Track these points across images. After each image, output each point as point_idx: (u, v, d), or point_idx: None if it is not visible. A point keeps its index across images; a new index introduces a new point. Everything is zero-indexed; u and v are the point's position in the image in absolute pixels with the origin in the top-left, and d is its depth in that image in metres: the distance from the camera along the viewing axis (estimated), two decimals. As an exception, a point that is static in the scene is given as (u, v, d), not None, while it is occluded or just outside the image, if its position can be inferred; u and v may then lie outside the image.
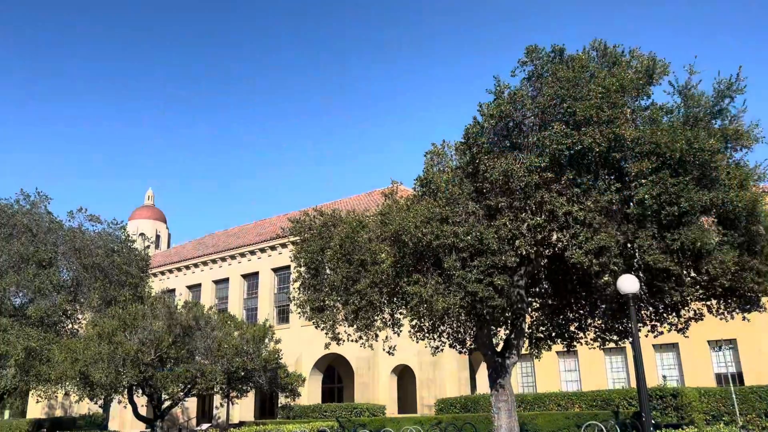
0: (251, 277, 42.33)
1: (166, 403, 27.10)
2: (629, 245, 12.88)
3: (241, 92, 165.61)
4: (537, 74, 13.86)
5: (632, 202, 12.71)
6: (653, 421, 17.01)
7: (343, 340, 16.97)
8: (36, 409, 48.94)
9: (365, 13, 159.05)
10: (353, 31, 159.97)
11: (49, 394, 28.65)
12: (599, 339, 16.86)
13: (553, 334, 17.31)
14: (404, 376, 34.96)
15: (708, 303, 14.62)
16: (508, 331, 16.42)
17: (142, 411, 31.34)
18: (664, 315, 15.29)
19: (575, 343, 17.51)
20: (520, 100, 13.35)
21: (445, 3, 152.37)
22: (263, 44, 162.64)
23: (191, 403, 41.11)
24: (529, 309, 17.08)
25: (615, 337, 16.60)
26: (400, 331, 17.16)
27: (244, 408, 37.86)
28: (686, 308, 14.83)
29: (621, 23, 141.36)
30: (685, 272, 13.22)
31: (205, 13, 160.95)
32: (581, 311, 16.76)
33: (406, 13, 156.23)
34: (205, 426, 36.82)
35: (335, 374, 39.78)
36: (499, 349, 16.51)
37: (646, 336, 16.10)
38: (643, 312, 15.52)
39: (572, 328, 17.22)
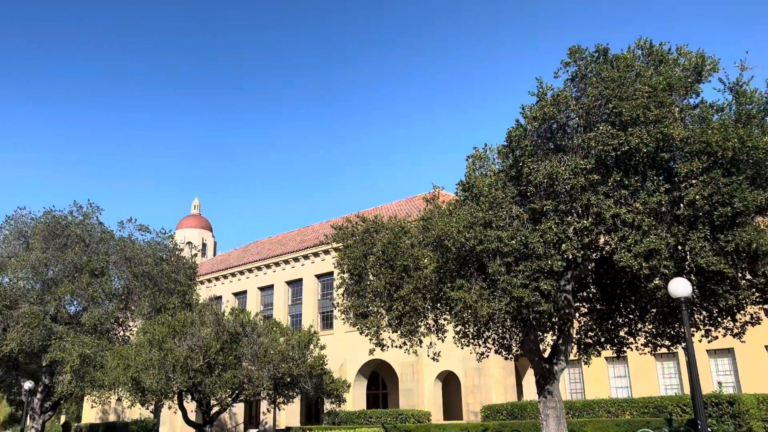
0: (295, 284, 42.76)
1: (215, 409, 27.56)
2: (680, 248, 12.50)
3: (281, 99, 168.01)
4: (581, 75, 13.63)
5: (682, 203, 12.35)
6: (709, 429, 16.43)
7: (388, 346, 16.95)
8: (90, 414, 50.43)
9: (403, 16, 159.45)
10: (393, 35, 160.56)
11: (103, 400, 29.45)
12: (650, 344, 16.42)
13: (602, 340, 16.93)
14: (449, 382, 34.70)
15: (765, 306, 14.06)
16: (555, 337, 16.15)
17: (192, 416, 31.95)
18: (719, 319, 14.77)
19: (625, 349, 17.09)
20: (564, 102, 13.14)
21: (484, 7, 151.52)
22: (303, 49, 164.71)
23: (239, 408, 41.72)
24: (577, 314, 16.78)
25: (667, 342, 16.14)
26: (445, 337, 17.06)
27: (290, 414, 38.19)
28: (742, 312, 14.28)
29: (666, 22, 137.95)
30: (740, 275, 12.76)
31: (249, 19, 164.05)
32: (631, 316, 16.36)
33: (444, 16, 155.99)
34: (252, 431, 37.29)
35: (379, 380, 39.78)
36: (546, 354, 16.24)
37: (700, 341, 15.59)
38: (696, 316, 15.03)
39: (622, 333, 16.83)
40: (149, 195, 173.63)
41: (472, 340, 16.75)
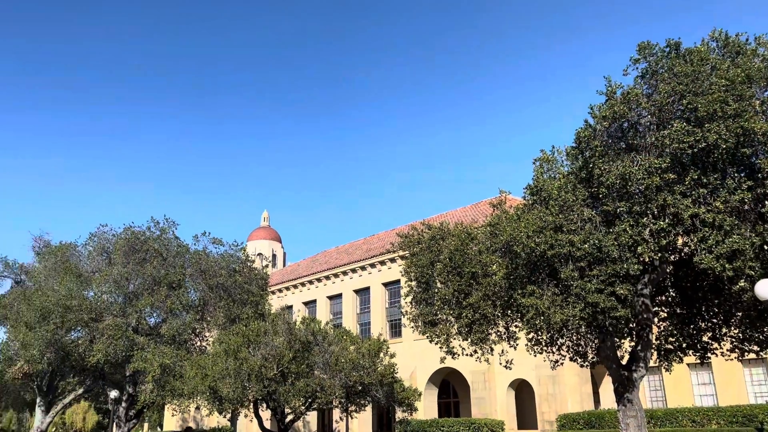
0: (363, 292, 43.10)
1: (289, 417, 28.04)
2: (766, 247, 11.84)
3: (346, 108, 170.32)
4: (651, 71, 13.17)
5: (767, 200, 11.71)
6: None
7: (458, 354, 16.80)
8: (171, 422, 52.36)
9: (469, 17, 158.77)
10: (456, 34, 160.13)
11: (183, 408, 30.49)
12: (737, 350, 15.60)
13: (684, 345, 16.21)
14: (522, 390, 34.04)
15: None
16: (633, 343, 15.58)
17: (267, 424, 32.64)
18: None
19: (709, 355, 16.28)
20: (635, 100, 12.72)
21: (548, 6, 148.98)
22: (363, 51, 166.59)
23: (312, 417, 42.32)
24: (656, 319, 16.15)
25: (755, 348, 15.29)
26: (517, 345, 16.76)
27: (362, 422, 38.42)
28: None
29: (735, 14, 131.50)
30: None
31: (311, 23, 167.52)
32: (714, 320, 15.58)
33: (505, 17, 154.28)
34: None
35: (450, 388, 39.46)
36: (624, 361, 15.67)
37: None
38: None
39: (705, 339, 16.06)
40: (220, 209, 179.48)
41: (545, 348, 16.39)
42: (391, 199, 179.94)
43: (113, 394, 31.65)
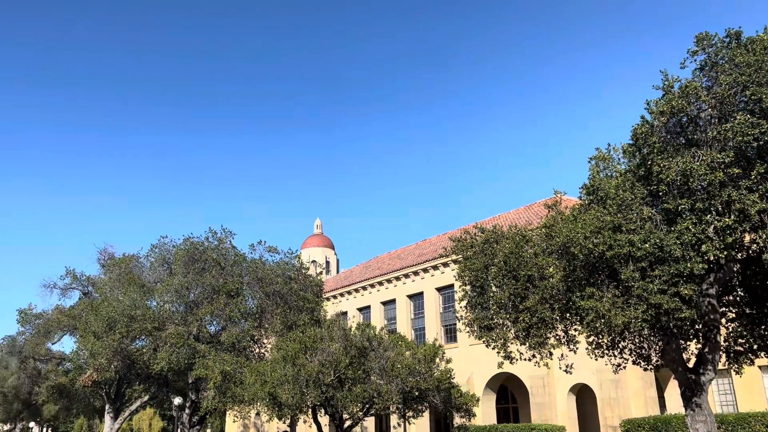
0: (416, 298, 43.00)
1: (347, 423, 28.18)
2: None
3: (395, 112, 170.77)
4: (711, 63, 12.70)
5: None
6: None
7: (516, 359, 16.54)
8: (233, 428, 53.45)
9: (524, 17, 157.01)
10: (507, 34, 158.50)
11: (243, 414, 31.08)
12: (813, 350, 14.80)
13: (755, 347, 15.49)
14: (583, 395, 33.22)
15: None
16: (700, 345, 14.99)
17: (326, 430, 32.89)
18: None
19: (783, 356, 15.51)
20: (694, 93, 12.29)
21: (597, 3, 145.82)
22: (421, 61, 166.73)
23: (370, 422, 42.42)
24: (723, 320, 15.50)
25: (835, 348, 14.47)
26: (577, 349, 16.38)
27: (419, 428, 38.27)
28: None
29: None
30: None
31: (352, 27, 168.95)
32: (788, 320, 14.84)
33: (554, 15, 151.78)
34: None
35: (509, 394, 38.88)
36: (691, 364, 15.11)
37: None
38: None
39: (778, 340, 15.30)
40: (274, 217, 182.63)
41: (606, 351, 15.95)
42: (442, 204, 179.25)
43: (177, 400, 32.54)
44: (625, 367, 16.80)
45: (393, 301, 44.60)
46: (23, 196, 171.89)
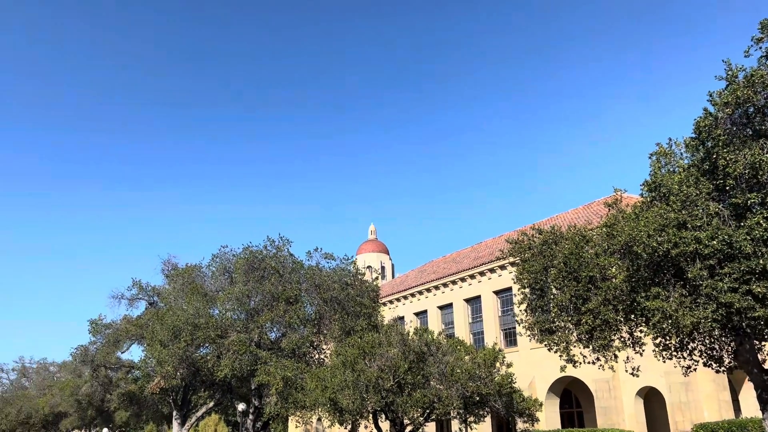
0: (474, 301, 42.58)
1: (408, 428, 28.11)
2: None
3: (447, 114, 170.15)
4: (778, 49, 12.11)
5: None
6: None
7: (579, 362, 16.15)
8: (295, 432, 54.15)
9: (578, 14, 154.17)
10: (557, 30, 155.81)
11: (305, 420, 31.46)
12: None
13: (838, 347, 14.63)
14: (651, 398, 32.12)
15: None
16: (776, 346, 14.28)
17: (386, 435, 32.86)
18: None
19: None
20: (760, 82, 11.76)
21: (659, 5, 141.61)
22: (475, 63, 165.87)
23: (430, 428, 42.19)
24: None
25: None
26: (643, 351, 15.87)
27: (481, 433, 37.79)
28: None
29: None
30: None
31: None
32: None
33: (610, 12, 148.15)
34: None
35: (573, 398, 37.98)
36: (767, 366, 14.39)
37: None
38: None
39: None
40: (328, 224, 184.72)
41: (675, 353, 15.39)
42: (496, 206, 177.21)
43: (241, 406, 33.23)
44: (695, 369, 16.17)
45: (450, 305, 44.30)
46: (92, 209, 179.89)
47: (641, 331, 15.35)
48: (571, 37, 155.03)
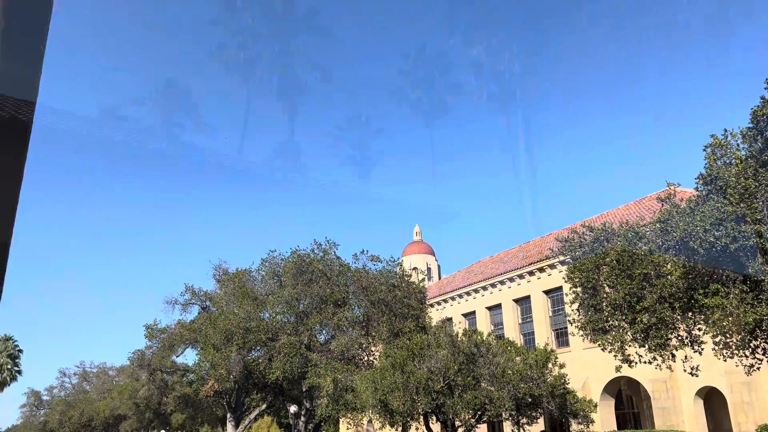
0: (523, 301, 42.01)
1: (460, 430, 27.95)
2: None
3: (488, 112, 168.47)
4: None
5: None
6: None
7: (635, 362, 15.73)
8: (346, 434, 54.50)
9: (625, 14, 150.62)
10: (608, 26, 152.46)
11: (356, 421, 31.62)
12: None
13: None
14: (711, 399, 31.03)
15: None
16: None
17: (438, 437, 32.72)
18: None
19: None
20: (822, 66, 11.23)
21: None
22: (528, 62, 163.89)
23: (481, 430, 41.81)
24: None
25: None
26: (702, 349, 15.35)
27: (534, 434, 37.24)
28: None
29: None
30: None
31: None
32: None
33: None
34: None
35: (628, 399, 37.03)
36: (837, 364, 13.72)
37: None
38: None
39: None
40: (373, 226, 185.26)
41: (736, 351, 14.81)
42: (543, 204, 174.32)
43: (293, 408, 33.66)
44: (759, 368, 15.54)
45: (498, 305, 43.83)
46: (145, 218, 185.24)
47: (700, 329, 14.86)
48: (617, 35, 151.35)
